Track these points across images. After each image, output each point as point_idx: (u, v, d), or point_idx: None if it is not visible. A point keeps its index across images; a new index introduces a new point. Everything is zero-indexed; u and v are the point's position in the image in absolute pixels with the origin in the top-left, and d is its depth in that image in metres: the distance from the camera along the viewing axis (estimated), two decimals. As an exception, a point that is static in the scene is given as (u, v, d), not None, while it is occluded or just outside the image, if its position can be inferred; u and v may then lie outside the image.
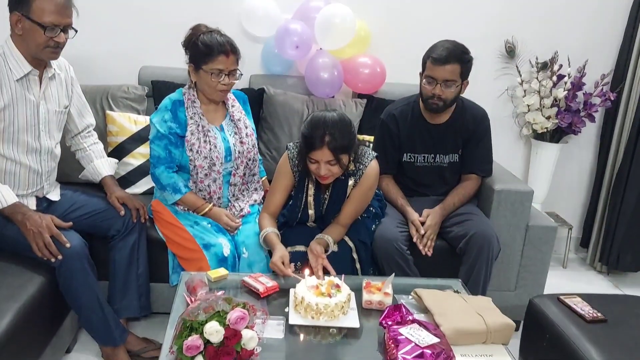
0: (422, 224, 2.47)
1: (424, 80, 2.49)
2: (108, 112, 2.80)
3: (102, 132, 2.77)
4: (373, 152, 2.33)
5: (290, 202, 2.38)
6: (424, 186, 2.68)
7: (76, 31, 2.13)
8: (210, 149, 2.37)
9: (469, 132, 2.60)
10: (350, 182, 2.30)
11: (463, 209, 2.58)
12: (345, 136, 2.12)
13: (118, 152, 2.76)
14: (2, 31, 2.12)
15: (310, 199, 2.34)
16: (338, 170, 2.18)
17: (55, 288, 2.09)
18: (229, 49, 2.29)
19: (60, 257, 2.04)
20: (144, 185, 2.78)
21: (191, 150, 2.36)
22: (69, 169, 2.54)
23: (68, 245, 2.06)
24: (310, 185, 2.33)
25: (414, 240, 2.44)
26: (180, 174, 2.43)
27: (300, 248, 2.28)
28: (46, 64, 2.18)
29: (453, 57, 2.40)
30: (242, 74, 2.41)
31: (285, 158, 2.33)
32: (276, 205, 2.35)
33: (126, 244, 2.32)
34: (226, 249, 2.30)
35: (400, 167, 2.68)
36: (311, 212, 2.36)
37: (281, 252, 2.14)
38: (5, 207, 2.06)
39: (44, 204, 2.28)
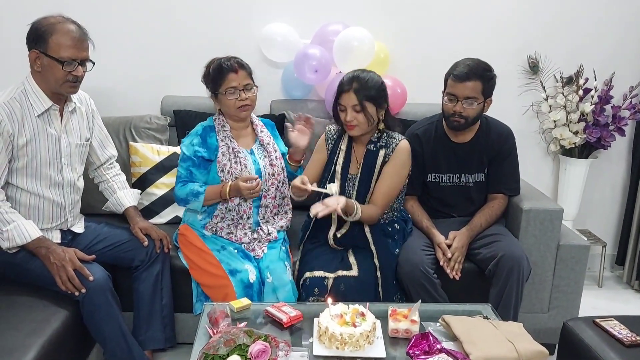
0: (449, 246, 2.42)
1: (445, 97, 2.46)
2: (131, 143, 2.83)
3: (126, 163, 2.80)
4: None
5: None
6: (449, 207, 2.63)
7: (93, 64, 2.16)
8: (241, 169, 2.40)
9: (494, 151, 2.55)
10: (381, 153, 2.34)
11: (491, 229, 2.52)
12: (373, 87, 2.26)
13: (141, 182, 2.77)
14: (23, 68, 2.17)
15: (339, 167, 2.39)
16: (363, 120, 2.27)
17: (80, 321, 2.09)
18: (237, 66, 2.38)
19: (83, 290, 2.04)
20: (167, 215, 2.78)
21: (222, 171, 2.41)
22: (93, 201, 2.56)
23: (91, 278, 2.07)
24: (340, 155, 2.41)
25: (441, 263, 2.39)
26: None
27: (320, 273, 2.27)
28: (67, 98, 2.21)
29: (474, 74, 2.38)
30: (257, 87, 2.46)
31: (323, 136, 2.49)
32: (310, 176, 2.38)
33: (150, 274, 2.32)
34: (252, 275, 2.29)
35: (425, 188, 2.63)
36: (337, 184, 2.36)
37: (301, 177, 2.23)
38: (30, 242, 2.08)
39: (69, 237, 2.29)
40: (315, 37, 3.05)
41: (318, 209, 2.12)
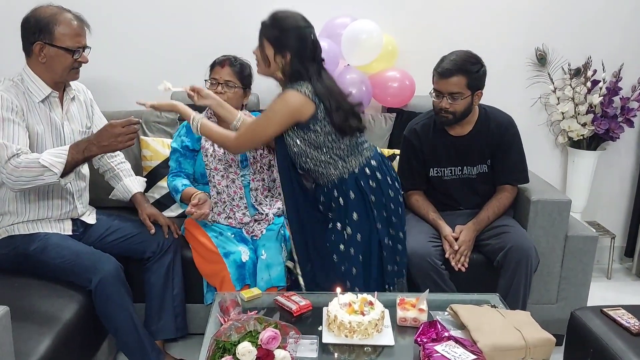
0: (456, 239, 2.43)
1: (432, 93, 2.45)
2: (142, 137, 2.86)
3: (137, 157, 2.83)
4: (309, 89, 2.13)
5: None
6: (455, 200, 2.63)
7: (90, 48, 2.21)
8: (225, 152, 2.46)
9: (496, 141, 2.52)
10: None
11: (499, 221, 2.53)
12: (275, 26, 2.16)
13: (152, 176, 2.80)
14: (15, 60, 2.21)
15: None
16: (259, 56, 2.18)
17: (92, 312, 2.12)
18: (226, 62, 2.47)
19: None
20: (178, 208, 2.81)
21: (206, 155, 2.48)
22: (102, 193, 2.58)
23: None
24: None
25: (447, 256, 2.40)
26: (202, 187, 2.49)
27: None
28: (66, 86, 2.25)
29: (457, 70, 2.35)
30: (241, 88, 2.49)
31: None
32: None
33: (161, 265, 2.35)
34: (244, 255, 2.33)
35: (429, 183, 2.64)
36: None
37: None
38: (68, 153, 2.07)
39: (81, 229, 2.32)
40: (323, 30, 3.06)
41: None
